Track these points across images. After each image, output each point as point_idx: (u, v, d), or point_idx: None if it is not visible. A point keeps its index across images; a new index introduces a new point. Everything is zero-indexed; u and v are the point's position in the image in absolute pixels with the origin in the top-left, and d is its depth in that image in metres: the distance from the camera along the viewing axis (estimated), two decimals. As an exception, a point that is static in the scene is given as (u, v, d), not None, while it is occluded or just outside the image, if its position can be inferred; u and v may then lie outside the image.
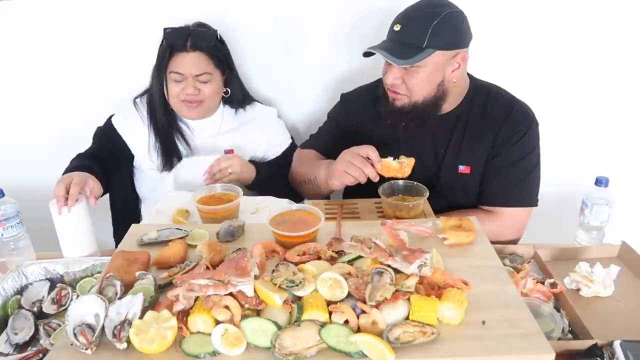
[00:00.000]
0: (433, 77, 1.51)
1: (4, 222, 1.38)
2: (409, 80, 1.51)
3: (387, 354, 0.83)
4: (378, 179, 1.44)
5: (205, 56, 1.71)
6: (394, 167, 1.43)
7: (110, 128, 1.82)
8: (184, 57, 1.69)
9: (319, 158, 1.76)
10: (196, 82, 1.71)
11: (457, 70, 1.53)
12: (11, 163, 2.20)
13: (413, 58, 1.45)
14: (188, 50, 1.68)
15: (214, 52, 1.73)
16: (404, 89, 1.53)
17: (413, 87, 1.51)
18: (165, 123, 1.79)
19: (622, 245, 1.42)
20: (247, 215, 1.44)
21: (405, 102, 1.55)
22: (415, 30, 1.46)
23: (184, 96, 1.71)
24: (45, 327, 1.17)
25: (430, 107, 1.56)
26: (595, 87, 2.00)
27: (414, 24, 1.47)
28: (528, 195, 1.64)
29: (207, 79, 1.72)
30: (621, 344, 1.02)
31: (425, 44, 1.44)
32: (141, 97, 1.84)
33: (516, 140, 1.59)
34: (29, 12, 1.98)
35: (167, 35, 1.70)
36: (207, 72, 1.71)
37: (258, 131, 1.87)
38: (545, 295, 1.21)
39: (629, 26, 1.91)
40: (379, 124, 1.69)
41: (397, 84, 1.52)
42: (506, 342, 0.87)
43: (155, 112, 1.79)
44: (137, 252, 1.14)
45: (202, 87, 1.72)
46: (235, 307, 0.90)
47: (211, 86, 1.74)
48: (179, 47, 1.69)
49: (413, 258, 0.98)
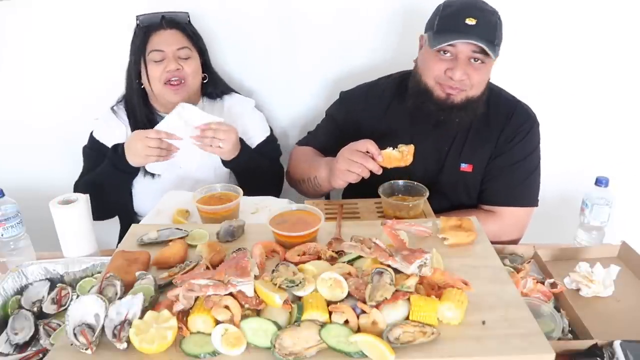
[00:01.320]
0: (489, 73, 1.55)
1: (4, 222, 1.38)
2: (475, 75, 1.50)
3: (387, 354, 0.83)
4: (381, 172, 1.42)
5: (181, 33, 1.73)
6: (395, 157, 1.41)
7: (94, 142, 1.81)
8: (161, 35, 1.70)
9: (317, 155, 1.75)
10: (177, 58, 1.70)
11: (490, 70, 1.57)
12: (11, 163, 2.20)
13: (496, 52, 1.48)
14: (165, 28, 1.71)
15: (189, 30, 1.75)
16: (468, 83, 1.51)
17: (477, 82, 1.51)
18: (144, 119, 1.78)
19: (622, 245, 1.42)
20: (247, 215, 1.44)
21: (463, 97, 1.53)
22: (490, 25, 1.48)
23: (166, 76, 1.69)
24: (45, 327, 1.17)
25: (479, 104, 1.57)
26: (595, 88, 2.00)
27: (486, 19, 1.48)
28: (529, 195, 1.64)
29: (187, 55, 1.72)
30: (621, 344, 1.02)
31: (496, 40, 1.48)
32: (117, 104, 1.84)
33: (518, 140, 1.60)
34: (29, 12, 1.98)
35: (142, 20, 1.72)
36: (186, 46, 1.72)
37: (231, 120, 1.79)
38: (545, 295, 1.21)
39: (629, 26, 1.91)
40: (382, 121, 1.69)
41: (464, 79, 1.50)
42: (506, 342, 0.87)
43: (135, 110, 1.78)
44: (137, 252, 1.14)
45: (183, 64, 1.71)
46: (235, 307, 0.90)
47: (192, 64, 1.73)
48: (155, 27, 1.71)
49: (413, 258, 0.98)
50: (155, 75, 1.70)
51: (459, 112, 1.55)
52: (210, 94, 1.86)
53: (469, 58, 1.48)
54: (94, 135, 1.82)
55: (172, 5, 1.80)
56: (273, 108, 2.12)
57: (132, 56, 1.75)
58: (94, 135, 1.82)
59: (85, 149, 1.84)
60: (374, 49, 2.01)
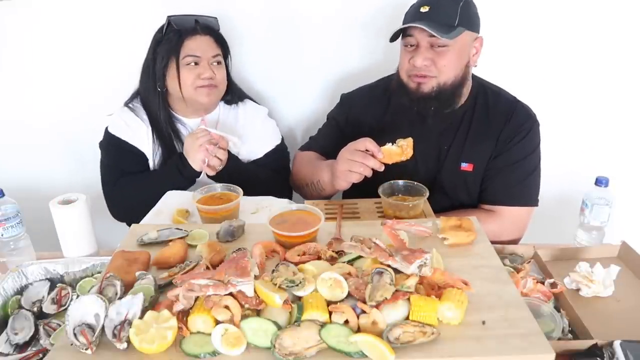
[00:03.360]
0: (461, 57, 1.54)
1: (4, 222, 1.38)
2: (440, 60, 1.51)
3: (387, 354, 0.83)
4: (383, 169, 1.42)
5: (215, 40, 1.73)
6: (395, 152, 1.42)
7: (112, 138, 1.78)
8: (197, 40, 1.69)
9: (320, 159, 1.75)
10: (211, 65, 1.70)
11: (476, 55, 1.58)
12: (11, 163, 2.20)
13: (451, 33, 1.47)
14: (201, 34, 1.69)
15: (221, 38, 1.75)
16: (434, 70, 1.52)
17: (444, 66, 1.52)
18: (165, 122, 1.77)
19: (622, 245, 1.42)
20: (247, 215, 1.44)
21: (434, 85, 1.54)
22: (445, 9, 1.49)
23: (200, 82, 1.69)
24: (45, 327, 1.17)
25: (455, 91, 1.57)
26: (595, 88, 2.01)
27: (443, 4, 1.50)
28: (529, 194, 1.64)
29: (219, 62, 1.73)
30: (621, 344, 1.02)
31: (457, 22, 1.48)
32: (132, 101, 1.82)
33: (519, 140, 1.61)
34: (29, 12, 1.98)
35: (174, 21, 1.68)
36: (219, 54, 1.73)
37: (244, 129, 1.84)
38: (545, 295, 1.21)
39: (629, 27, 1.91)
40: (382, 122, 1.69)
41: (427, 65, 1.52)
42: (506, 342, 0.87)
43: (155, 112, 1.76)
44: (137, 252, 1.14)
45: (216, 72, 1.71)
46: (235, 307, 0.90)
47: (222, 71, 1.75)
48: (190, 31, 1.68)
49: (413, 258, 0.98)
50: (188, 81, 1.69)
51: (432, 101, 1.56)
52: (228, 100, 1.86)
53: (430, 44, 1.50)
54: (110, 131, 1.79)
55: (175, 7, 1.80)
56: (276, 112, 2.11)
57: (161, 57, 1.70)
58: (111, 131, 1.79)
59: (104, 145, 1.81)
60: (374, 52, 2.01)
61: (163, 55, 1.70)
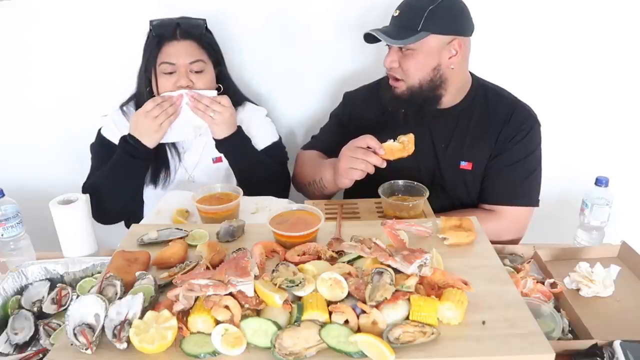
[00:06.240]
0: (428, 60, 1.54)
1: (4, 222, 1.38)
2: (405, 63, 1.55)
3: (387, 354, 0.83)
4: (385, 165, 1.42)
5: (196, 44, 1.66)
6: (397, 148, 1.42)
7: (103, 140, 1.76)
8: (174, 46, 1.63)
9: (322, 158, 1.75)
10: (189, 72, 1.64)
11: (455, 57, 1.55)
12: (11, 163, 2.20)
13: (406, 39, 1.50)
14: (178, 39, 1.63)
15: (205, 41, 1.68)
16: (401, 72, 1.57)
17: (408, 69, 1.55)
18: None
19: (622, 245, 1.42)
20: (247, 215, 1.44)
21: (404, 89, 1.58)
22: (411, 14, 1.52)
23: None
24: (45, 327, 1.17)
25: (428, 94, 1.58)
26: (595, 88, 2.01)
27: (411, 9, 1.53)
28: (529, 194, 1.64)
29: (200, 68, 1.65)
30: (621, 344, 1.02)
31: (420, 27, 1.49)
32: (127, 104, 1.80)
33: (519, 139, 1.61)
34: (29, 13, 1.98)
35: (154, 26, 1.64)
36: (200, 59, 1.65)
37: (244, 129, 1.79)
38: (545, 295, 1.21)
39: (629, 27, 1.91)
40: (382, 121, 1.70)
41: (394, 67, 1.57)
42: (506, 342, 0.87)
43: None
44: (137, 252, 1.14)
45: (195, 79, 1.64)
46: (235, 307, 0.90)
47: (205, 77, 1.66)
48: (168, 37, 1.63)
49: (413, 258, 0.98)
50: (165, 88, 1.65)
51: (403, 102, 1.61)
52: None
53: (399, 47, 1.55)
54: (102, 133, 1.77)
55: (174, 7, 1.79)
56: (277, 112, 2.11)
57: (144, 63, 1.69)
58: (103, 133, 1.77)
59: (94, 147, 1.79)
60: (375, 52, 2.01)
61: (144, 59, 1.69)
